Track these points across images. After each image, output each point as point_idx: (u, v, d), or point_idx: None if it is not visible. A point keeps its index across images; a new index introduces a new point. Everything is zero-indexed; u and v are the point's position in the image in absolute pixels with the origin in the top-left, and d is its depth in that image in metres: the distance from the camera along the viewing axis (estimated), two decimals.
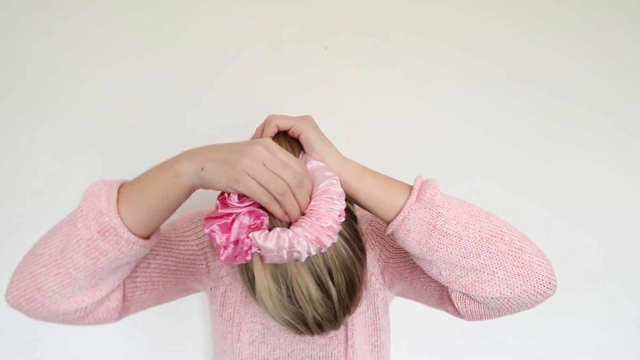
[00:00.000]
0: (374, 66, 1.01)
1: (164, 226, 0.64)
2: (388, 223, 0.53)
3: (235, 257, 0.47)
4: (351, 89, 1.02)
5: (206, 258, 0.64)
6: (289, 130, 0.54)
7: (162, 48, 0.98)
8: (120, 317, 0.54)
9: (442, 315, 0.70)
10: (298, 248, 0.46)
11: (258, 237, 0.46)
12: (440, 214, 0.49)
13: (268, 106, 1.01)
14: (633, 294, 1.06)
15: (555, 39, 1.02)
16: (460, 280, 0.51)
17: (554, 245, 1.03)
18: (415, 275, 0.61)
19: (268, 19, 0.99)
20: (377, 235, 0.67)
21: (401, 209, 0.50)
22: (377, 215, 0.54)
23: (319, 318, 0.50)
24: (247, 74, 1.00)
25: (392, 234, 0.53)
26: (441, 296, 0.58)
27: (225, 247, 0.47)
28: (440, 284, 0.57)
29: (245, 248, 0.47)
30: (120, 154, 0.99)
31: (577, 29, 1.02)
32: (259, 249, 0.47)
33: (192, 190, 0.48)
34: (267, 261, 0.47)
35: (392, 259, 0.64)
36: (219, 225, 0.47)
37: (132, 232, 0.47)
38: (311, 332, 0.52)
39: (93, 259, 0.46)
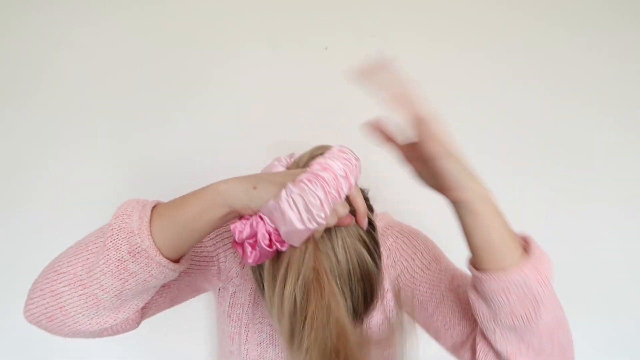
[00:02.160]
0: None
1: None
2: (479, 268, 0.48)
3: (260, 256, 0.46)
4: (351, 89, 1.01)
5: (218, 259, 0.64)
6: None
7: (162, 48, 0.98)
8: (138, 325, 0.54)
9: None
10: (295, 190, 0.42)
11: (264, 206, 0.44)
12: (546, 293, 0.46)
13: (268, 106, 1.00)
14: (633, 294, 1.06)
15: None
16: (507, 346, 0.49)
17: (555, 245, 1.04)
18: (440, 310, 0.59)
19: (268, 19, 0.99)
20: (401, 255, 0.64)
21: (511, 268, 0.46)
22: (472, 254, 0.49)
23: None
24: (247, 74, 1.00)
25: (477, 278, 0.49)
26: (463, 342, 0.56)
27: (252, 247, 0.45)
28: (469, 330, 0.55)
29: (266, 242, 0.44)
30: (119, 154, 0.99)
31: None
32: (278, 238, 0.44)
33: (230, 211, 0.46)
34: (284, 238, 0.44)
35: (414, 285, 0.62)
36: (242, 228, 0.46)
37: (163, 255, 0.45)
38: None
39: (121, 280, 0.45)
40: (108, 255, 0.44)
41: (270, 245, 0.45)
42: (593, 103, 1.02)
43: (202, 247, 0.62)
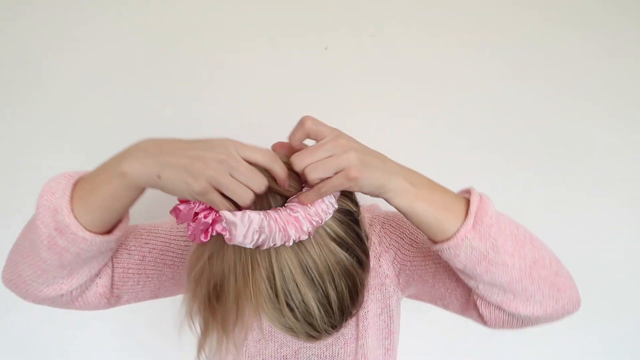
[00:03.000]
0: (374, 66, 1.01)
1: (166, 219, 0.64)
2: (434, 242, 0.51)
3: (194, 235, 0.46)
4: (351, 89, 1.02)
5: None
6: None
7: (161, 48, 0.98)
8: (109, 303, 0.55)
9: (445, 318, 0.70)
10: (266, 231, 0.43)
11: (227, 213, 0.44)
12: (493, 245, 0.48)
13: (267, 106, 1.01)
14: (633, 294, 1.06)
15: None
16: (496, 297, 0.51)
17: (555, 244, 1.04)
18: (438, 278, 0.60)
19: (268, 18, 0.99)
20: (391, 238, 0.65)
21: (453, 236, 0.48)
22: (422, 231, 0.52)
23: (313, 333, 0.50)
24: (247, 74, 1.00)
25: (437, 250, 0.52)
26: (467, 301, 0.57)
27: (193, 221, 0.45)
28: (467, 287, 0.56)
29: (202, 227, 0.44)
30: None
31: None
32: (223, 229, 0.44)
33: (144, 189, 0.47)
34: (229, 242, 0.44)
35: (409, 262, 0.63)
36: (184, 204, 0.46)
37: (88, 230, 0.46)
38: (307, 340, 0.52)
39: (57, 254, 0.46)
40: (39, 232, 0.46)
41: (206, 237, 0.45)
42: (595, 102, 1.02)
43: (187, 242, 0.62)
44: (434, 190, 0.50)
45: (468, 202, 0.50)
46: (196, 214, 0.45)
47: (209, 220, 0.44)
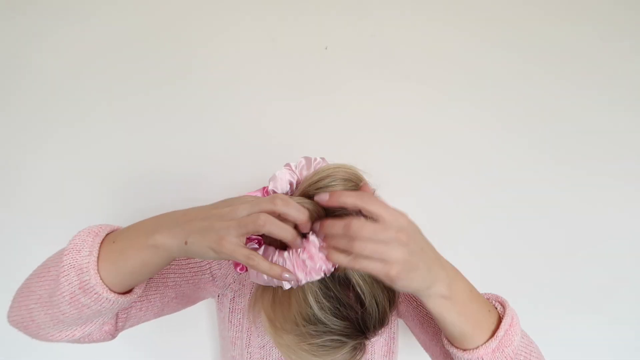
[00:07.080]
0: (374, 66, 1.01)
1: None
2: (450, 342, 0.51)
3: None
4: (351, 89, 1.02)
5: (210, 267, 0.64)
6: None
7: (158, 48, 0.97)
8: (114, 337, 0.56)
9: None
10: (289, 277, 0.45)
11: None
12: None
13: (267, 106, 1.00)
14: (633, 296, 1.07)
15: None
16: None
17: (553, 247, 1.04)
18: (424, 328, 0.63)
19: (268, 18, 0.99)
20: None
21: (471, 350, 0.48)
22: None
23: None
24: (246, 74, 1.00)
25: (448, 349, 0.52)
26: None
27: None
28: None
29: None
30: (118, 154, 0.99)
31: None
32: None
33: (174, 257, 0.48)
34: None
35: (408, 314, 0.66)
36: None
37: (112, 291, 0.47)
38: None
39: (77, 309, 0.47)
40: (62, 288, 0.47)
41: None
42: (599, 98, 1.01)
43: (190, 259, 0.62)
44: (471, 303, 0.50)
45: (499, 319, 0.50)
46: None
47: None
